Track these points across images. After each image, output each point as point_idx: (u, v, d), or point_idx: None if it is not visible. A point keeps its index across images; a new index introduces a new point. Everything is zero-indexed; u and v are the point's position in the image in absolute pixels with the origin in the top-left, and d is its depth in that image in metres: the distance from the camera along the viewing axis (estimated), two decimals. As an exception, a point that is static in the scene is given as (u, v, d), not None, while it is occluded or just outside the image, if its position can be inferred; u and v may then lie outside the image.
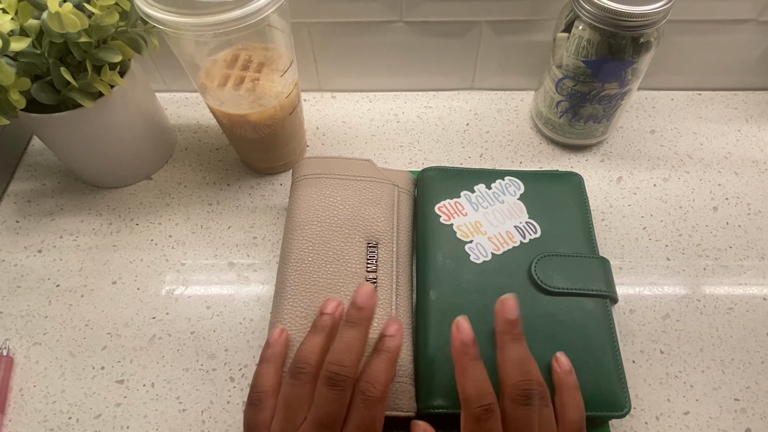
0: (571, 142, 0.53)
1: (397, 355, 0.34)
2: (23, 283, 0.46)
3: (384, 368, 0.32)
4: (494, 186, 0.45)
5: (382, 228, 0.42)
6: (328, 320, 0.35)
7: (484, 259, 0.41)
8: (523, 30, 0.53)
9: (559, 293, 0.39)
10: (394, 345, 0.34)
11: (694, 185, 0.51)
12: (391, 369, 0.33)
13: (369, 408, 0.31)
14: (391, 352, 0.33)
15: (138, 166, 0.51)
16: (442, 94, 0.59)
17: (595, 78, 0.45)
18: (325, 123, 0.57)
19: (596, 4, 0.41)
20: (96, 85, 0.41)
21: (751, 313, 0.43)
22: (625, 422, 0.39)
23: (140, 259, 0.47)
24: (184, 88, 0.59)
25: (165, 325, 0.43)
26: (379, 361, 0.33)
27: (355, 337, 0.33)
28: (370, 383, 0.31)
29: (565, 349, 0.37)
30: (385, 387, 0.32)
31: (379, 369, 0.32)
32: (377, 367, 0.32)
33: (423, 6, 0.50)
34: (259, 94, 0.43)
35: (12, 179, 0.53)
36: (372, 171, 0.45)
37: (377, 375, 0.32)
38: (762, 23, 0.51)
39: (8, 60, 0.38)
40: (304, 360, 0.32)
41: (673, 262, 0.46)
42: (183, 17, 0.35)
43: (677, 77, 0.57)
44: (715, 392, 0.40)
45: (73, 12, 0.36)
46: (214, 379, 0.41)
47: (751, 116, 0.56)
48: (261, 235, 0.48)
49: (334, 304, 0.35)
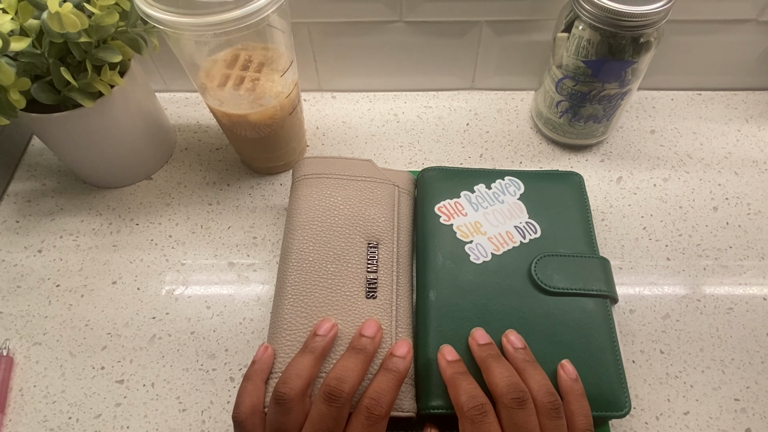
0: (571, 142, 0.53)
1: (404, 377, 0.33)
2: (23, 283, 0.46)
3: (390, 387, 0.32)
4: (494, 186, 0.45)
5: (382, 228, 0.42)
6: (320, 342, 0.34)
7: (484, 259, 0.41)
8: (523, 30, 0.53)
9: (559, 293, 0.39)
10: (403, 367, 0.33)
11: (694, 185, 0.51)
12: (396, 390, 0.32)
13: (372, 425, 0.30)
14: (400, 373, 0.33)
15: (138, 166, 0.51)
16: (442, 94, 0.59)
17: (595, 78, 0.45)
18: (325, 123, 0.57)
19: (596, 4, 0.41)
20: (96, 85, 0.41)
21: (751, 313, 0.43)
22: (625, 422, 0.39)
23: (140, 259, 0.47)
24: (184, 88, 0.59)
25: (165, 325, 0.43)
26: (386, 380, 0.32)
27: (357, 364, 0.32)
28: (374, 400, 0.31)
29: (565, 349, 0.37)
30: (389, 406, 0.31)
31: (384, 387, 0.32)
32: (383, 385, 0.32)
33: (423, 6, 0.50)
34: (259, 94, 0.43)
35: (12, 179, 0.53)
36: (372, 171, 0.45)
37: (382, 393, 0.31)
38: (762, 23, 0.51)
39: (8, 60, 0.38)
40: (289, 384, 0.31)
41: (673, 262, 0.46)
42: (183, 17, 0.35)
43: (677, 77, 0.57)
44: (715, 392, 0.40)
45: (73, 12, 0.36)
46: (214, 379, 0.41)
47: (751, 116, 0.56)
48: (261, 235, 0.48)
49: (328, 326, 0.35)
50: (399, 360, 0.33)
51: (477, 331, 0.37)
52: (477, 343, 0.36)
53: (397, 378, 0.32)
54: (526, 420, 0.31)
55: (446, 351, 0.36)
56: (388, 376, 0.32)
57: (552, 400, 0.32)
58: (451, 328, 0.38)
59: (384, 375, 0.32)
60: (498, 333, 0.37)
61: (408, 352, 0.34)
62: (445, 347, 0.36)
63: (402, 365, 0.33)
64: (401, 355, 0.34)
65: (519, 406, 0.31)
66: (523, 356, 0.35)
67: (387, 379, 0.32)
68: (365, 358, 0.33)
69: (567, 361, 0.36)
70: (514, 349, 0.35)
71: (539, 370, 0.34)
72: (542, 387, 0.33)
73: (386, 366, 0.33)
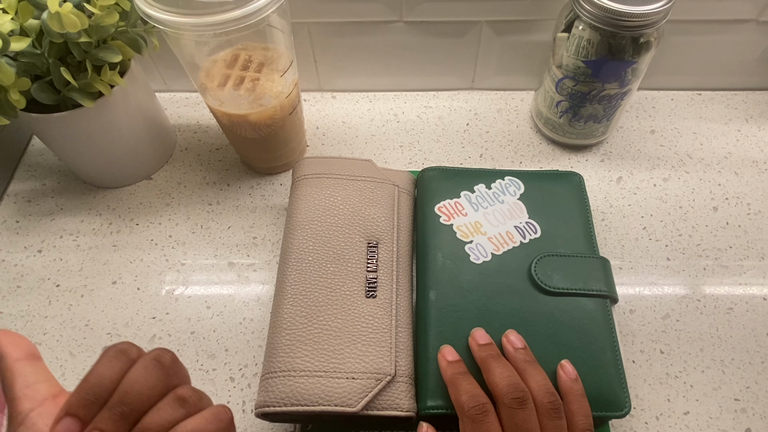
0: (571, 142, 0.53)
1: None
2: (23, 283, 0.46)
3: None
4: (494, 186, 0.45)
5: (382, 228, 0.42)
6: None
7: (484, 259, 0.41)
8: (523, 30, 0.53)
9: (559, 293, 0.39)
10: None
11: (694, 185, 0.51)
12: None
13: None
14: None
15: (138, 166, 0.51)
16: (442, 94, 0.59)
17: (595, 78, 0.45)
18: (325, 123, 0.57)
19: (596, 4, 0.41)
20: (96, 85, 0.41)
21: (751, 313, 0.43)
22: (625, 422, 0.39)
23: (140, 259, 0.47)
24: (184, 88, 0.59)
25: (165, 325, 0.43)
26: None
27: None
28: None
29: (565, 349, 0.37)
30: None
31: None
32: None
33: (423, 6, 0.50)
34: (259, 94, 0.43)
35: (12, 179, 0.53)
36: (372, 171, 0.45)
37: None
38: (762, 23, 0.51)
39: (8, 60, 0.38)
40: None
41: (673, 262, 0.46)
42: (183, 17, 0.35)
43: (677, 77, 0.57)
44: (715, 392, 0.40)
45: (73, 12, 0.36)
46: (214, 379, 0.41)
47: (751, 116, 0.56)
48: (261, 235, 0.48)
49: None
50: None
51: (477, 331, 0.37)
52: (477, 343, 0.36)
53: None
54: (526, 420, 0.31)
55: (446, 351, 0.36)
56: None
57: (552, 400, 0.32)
58: (451, 328, 0.38)
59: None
60: (498, 333, 0.37)
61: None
62: (446, 347, 0.36)
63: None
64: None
65: (519, 406, 0.31)
66: (523, 356, 0.35)
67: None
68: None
69: (567, 361, 0.36)
70: (514, 349, 0.36)
71: (539, 370, 0.34)
72: (542, 387, 0.33)
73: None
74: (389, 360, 0.36)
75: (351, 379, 0.35)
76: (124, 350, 0.27)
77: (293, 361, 0.35)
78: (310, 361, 0.35)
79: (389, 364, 0.36)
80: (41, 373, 0.27)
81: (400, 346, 0.37)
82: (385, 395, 0.35)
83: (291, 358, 0.35)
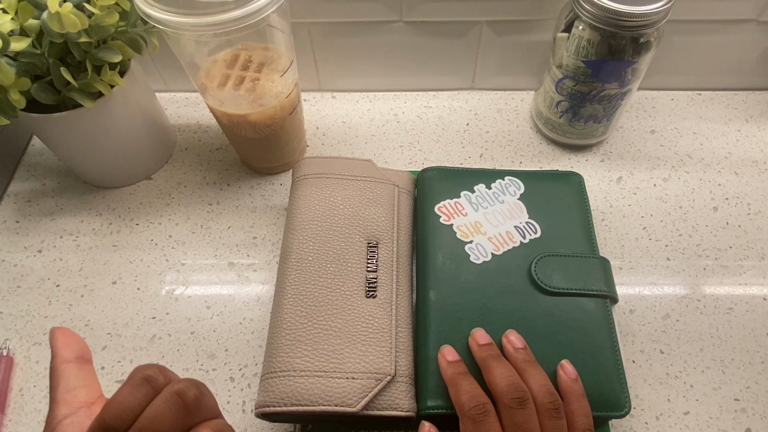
0: (571, 142, 0.53)
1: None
2: (23, 283, 0.46)
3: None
4: (494, 186, 0.45)
5: (382, 228, 0.42)
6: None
7: (484, 259, 0.41)
8: (523, 30, 0.53)
9: (559, 293, 0.39)
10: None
11: (694, 185, 0.51)
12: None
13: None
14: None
15: (138, 166, 0.51)
16: (442, 94, 0.59)
17: (595, 78, 0.45)
18: (325, 123, 0.57)
19: (596, 4, 0.41)
20: (96, 85, 0.41)
21: (751, 313, 0.43)
22: (625, 422, 0.39)
23: (140, 259, 0.47)
24: (184, 88, 0.59)
25: (165, 325, 0.43)
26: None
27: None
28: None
29: (565, 349, 0.37)
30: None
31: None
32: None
33: (423, 6, 0.50)
34: (259, 94, 0.43)
35: (12, 179, 0.53)
36: (372, 171, 0.45)
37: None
38: (762, 23, 0.51)
39: (8, 60, 0.38)
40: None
41: (673, 262, 0.46)
42: (183, 17, 0.35)
43: (677, 77, 0.57)
44: (715, 392, 0.40)
45: (73, 12, 0.36)
46: (214, 379, 0.41)
47: (751, 116, 0.56)
48: (261, 235, 0.48)
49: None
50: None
51: (477, 331, 0.37)
52: (477, 343, 0.36)
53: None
54: (526, 420, 0.31)
55: (447, 351, 0.36)
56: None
57: (552, 400, 0.32)
58: (451, 328, 0.38)
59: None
60: (498, 333, 0.37)
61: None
62: (446, 348, 0.36)
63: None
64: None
65: (519, 406, 0.31)
66: (524, 356, 0.35)
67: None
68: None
69: (567, 361, 0.36)
70: (514, 349, 0.36)
71: (539, 370, 0.34)
72: (542, 387, 0.33)
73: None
74: (389, 360, 0.36)
75: (351, 379, 0.35)
76: (149, 378, 0.25)
77: (293, 361, 0.35)
78: (310, 361, 0.35)
79: (389, 364, 0.36)
80: (84, 378, 0.27)
81: (400, 346, 0.37)
82: (385, 395, 0.35)
83: (291, 358, 0.35)
